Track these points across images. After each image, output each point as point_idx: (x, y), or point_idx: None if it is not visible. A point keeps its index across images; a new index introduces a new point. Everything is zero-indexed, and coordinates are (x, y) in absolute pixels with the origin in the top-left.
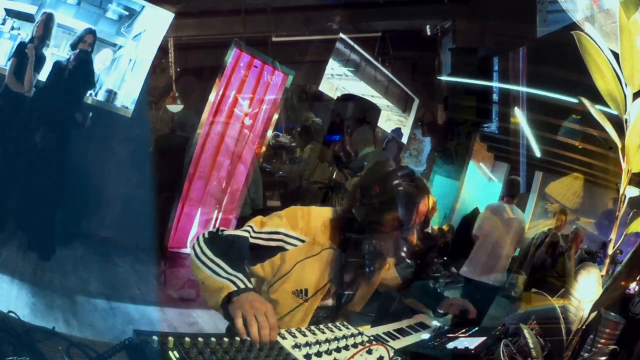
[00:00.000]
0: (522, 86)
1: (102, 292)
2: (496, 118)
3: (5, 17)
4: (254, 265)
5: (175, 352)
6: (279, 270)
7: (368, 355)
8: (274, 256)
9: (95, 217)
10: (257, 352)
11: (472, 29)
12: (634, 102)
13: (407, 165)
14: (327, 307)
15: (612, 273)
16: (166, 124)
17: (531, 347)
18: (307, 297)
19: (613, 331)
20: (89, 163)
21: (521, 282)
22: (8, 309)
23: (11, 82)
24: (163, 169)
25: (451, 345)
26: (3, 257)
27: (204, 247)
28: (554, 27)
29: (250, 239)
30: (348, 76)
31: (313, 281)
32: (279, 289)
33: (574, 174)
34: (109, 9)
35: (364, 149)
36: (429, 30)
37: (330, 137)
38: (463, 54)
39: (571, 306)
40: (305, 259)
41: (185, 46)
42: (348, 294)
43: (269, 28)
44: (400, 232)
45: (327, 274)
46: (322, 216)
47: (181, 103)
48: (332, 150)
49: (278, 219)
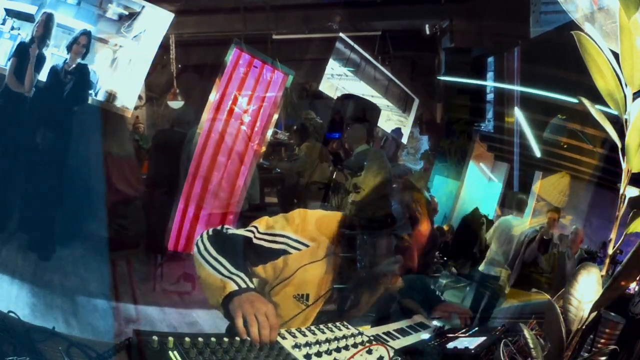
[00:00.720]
0: (517, 85)
1: (102, 292)
2: (491, 117)
3: (5, 17)
4: (256, 266)
5: (175, 352)
6: (281, 274)
7: (368, 355)
8: (277, 259)
9: (96, 217)
10: (257, 352)
11: (470, 28)
12: (634, 102)
13: (404, 163)
14: (330, 312)
15: (612, 273)
16: (167, 120)
17: (531, 347)
18: (308, 302)
19: (613, 331)
20: (88, 163)
21: (504, 276)
22: (8, 309)
23: (11, 82)
24: (162, 165)
25: (451, 345)
26: (3, 257)
27: (207, 245)
28: (547, 27)
29: (254, 240)
30: (348, 76)
31: (315, 286)
32: (280, 292)
33: (561, 173)
34: (109, 9)
35: (358, 147)
36: (428, 30)
37: (330, 134)
38: (457, 53)
39: (571, 306)
40: (308, 264)
41: (186, 43)
42: (352, 300)
43: (267, 26)
44: (405, 249)
45: (330, 280)
46: (330, 222)
47: (182, 99)
48: (330, 148)
49: (284, 222)
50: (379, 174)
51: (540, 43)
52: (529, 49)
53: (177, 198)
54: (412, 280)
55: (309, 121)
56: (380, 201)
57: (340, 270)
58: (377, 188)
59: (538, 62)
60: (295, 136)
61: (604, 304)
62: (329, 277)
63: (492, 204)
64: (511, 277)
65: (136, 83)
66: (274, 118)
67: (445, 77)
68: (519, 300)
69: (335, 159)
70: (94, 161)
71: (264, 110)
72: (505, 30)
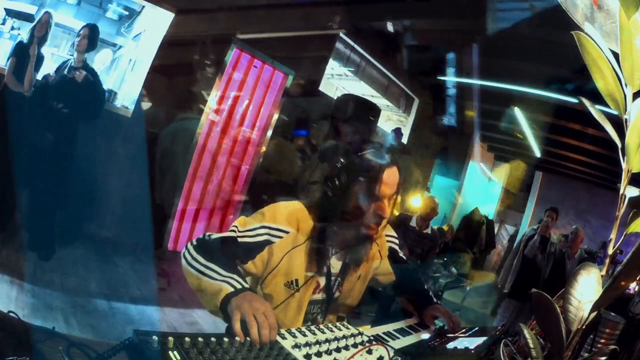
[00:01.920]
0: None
1: (102, 292)
2: (453, 112)
3: (5, 17)
4: (246, 264)
5: (175, 352)
6: (269, 264)
7: (368, 355)
8: (263, 250)
9: (96, 217)
10: (257, 352)
11: (430, 26)
12: (634, 102)
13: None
14: (319, 300)
15: (612, 273)
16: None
17: (531, 347)
18: (298, 287)
19: (613, 331)
20: (88, 163)
21: (467, 259)
22: (8, 309)
23: (10, 82)
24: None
25: (451, 345)
26: (3, 257)
27: (195, 254)
28: (502, 25)
29: (238, 239)
30: (348, 76)
31: (302, 271)
32: (270, 283)
33: (518, 160)
34: (109, 9)
35: (324, 143)
36: (392, 28)
37: (296, 132)
38: (418, 51)
39: (571, 306)
40: (292, 249)
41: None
42: (336, 282)
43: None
44: (367, 204)
45: (313, 264)
46: (295, 207)
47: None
48: (296, 144)
49: (260, 215)
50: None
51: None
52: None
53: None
54: (406, 276)
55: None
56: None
57: (318, 253)
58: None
59: (498, 56)
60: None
61: (604, 304)
62: (312, 261)
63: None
64: (510, 277)
65: (136, 83)
66: (274, 118)
67: (451, 78)
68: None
69: (303, 155)
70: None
71: (264, 110)
72: (462, 27)
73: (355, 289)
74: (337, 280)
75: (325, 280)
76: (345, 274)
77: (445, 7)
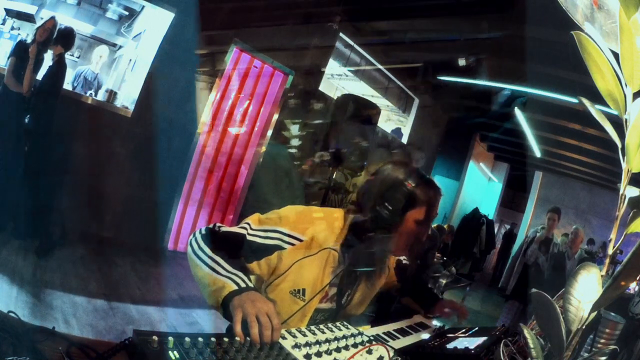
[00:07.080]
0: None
1: (102, 292)
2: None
3: (5, 17)
4: (250, 263)
5: (175, 352)
6: (276, 269)
7: (368, 355)
8: (271, 255)
9: (96, 217)
10: (257, 352)
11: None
12: (634, 102)
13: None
14: (326, 309)
15: (612, 273)
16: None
17: (531, 347)
18: (304, 297)
19: (613, 331)
20: (88, 163)
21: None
22: (8, 309)
23: (10, 82)
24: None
25: (451, 345)
26: (3, 257)
27: (202, 243)
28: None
29: (247, 237)
30: (348, 76)
31: (311, 281)
32: (276, 289)
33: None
34: (109, 9)
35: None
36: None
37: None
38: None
39: (571, 306)
40: (303, 259)
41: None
42: (348, 295)
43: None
44: (417, 230)
45: (325, 274)
46: (327, 216)
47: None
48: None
49: (276, 217)
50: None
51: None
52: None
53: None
54: (409, 278)
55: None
56: (408, 204)
57: (337, 265)
58: (401, 192)
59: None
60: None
61: (604, 304)
62: (325, 272)
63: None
64: (512, 278)
65: (136, 83)
66: (274, 118)
67: (452, 78)
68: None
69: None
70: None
71: (263, 110)
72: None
73: (366, 299)
74: (348, 291)
75: (336, 291)
76: (359, 286)
77: (445, 7)
